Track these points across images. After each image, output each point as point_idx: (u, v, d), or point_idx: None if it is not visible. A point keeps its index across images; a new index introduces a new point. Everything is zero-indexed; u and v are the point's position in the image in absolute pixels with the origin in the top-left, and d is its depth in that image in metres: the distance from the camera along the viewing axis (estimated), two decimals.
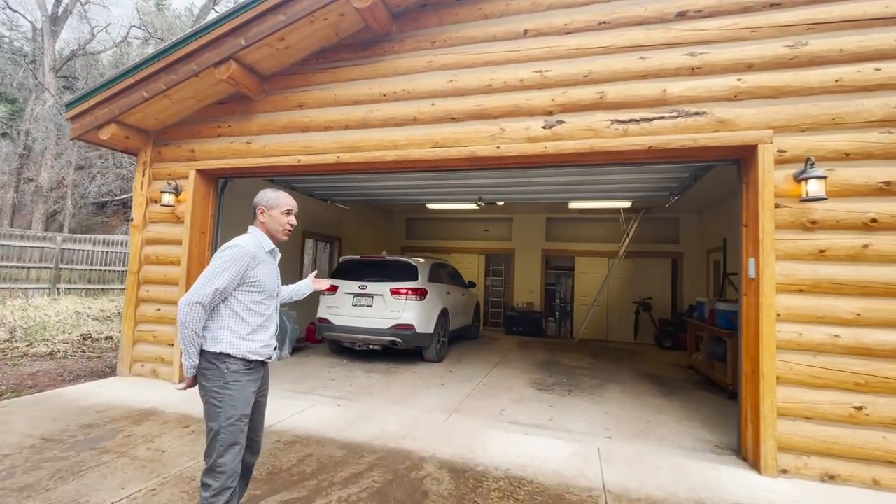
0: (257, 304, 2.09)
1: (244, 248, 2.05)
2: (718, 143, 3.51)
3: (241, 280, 2.02)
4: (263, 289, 2.10)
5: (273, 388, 5.06)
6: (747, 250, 3.60)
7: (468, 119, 4.25)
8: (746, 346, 3.55)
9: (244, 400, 2.03)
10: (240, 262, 2.01)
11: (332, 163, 4.63)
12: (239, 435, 2.02)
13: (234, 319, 2.04)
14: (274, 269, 2.22)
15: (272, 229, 2.20)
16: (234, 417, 2.00)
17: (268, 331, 2.15)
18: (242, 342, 2.04)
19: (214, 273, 1.99)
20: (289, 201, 2.24)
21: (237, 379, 2.01)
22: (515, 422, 4.26)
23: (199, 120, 5.29)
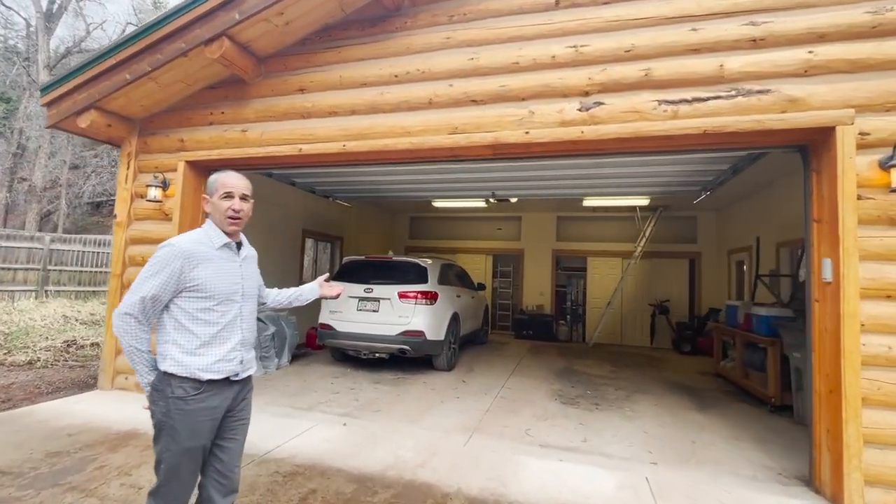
0: (205, 312, 1.75)
1: (175, 248, 1.73)
2: (788, 125, 3.03)
3: (178, 284, 1.71)
4: (211, 292, 1.75)
5: (272, 403, 4.59)
6: (819, 250, 3.11)
7: (491, 101, 3.76)
8: (821, 361, 3.06)
9: (190, 431, 1.69)
10: (171, 265, 1.70)
11: (336, 152, 4.14)
12: (181, 470, 1.70)
13: (179, 331, 1.73)
14: (230, 267, 1.84)
15: (216, 220, 1.84)
16: (172, 452, 1.69)
17: (227, 342, 1.78)
18: (190, 358, 1.71)
19: (143, 279, 1.71)
20: (231, 182, 1.85)
21: (181, 407, 1.68)
22: (546, 444, 3.76)
23: (189, 106, 4.79)
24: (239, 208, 1.83)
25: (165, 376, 1.71)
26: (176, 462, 1.70)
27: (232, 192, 1.83)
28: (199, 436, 1.72)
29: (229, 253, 1.86)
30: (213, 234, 1.83)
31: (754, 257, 7.56)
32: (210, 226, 1.86)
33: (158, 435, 1.72)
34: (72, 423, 3.77)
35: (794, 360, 4.69)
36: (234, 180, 1.86)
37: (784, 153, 3.44)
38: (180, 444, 1.69)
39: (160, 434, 1.72)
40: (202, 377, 1.71)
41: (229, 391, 1.80)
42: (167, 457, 1.70)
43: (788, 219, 6.59)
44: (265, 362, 5.98)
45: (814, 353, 3.11)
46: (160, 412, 1.71)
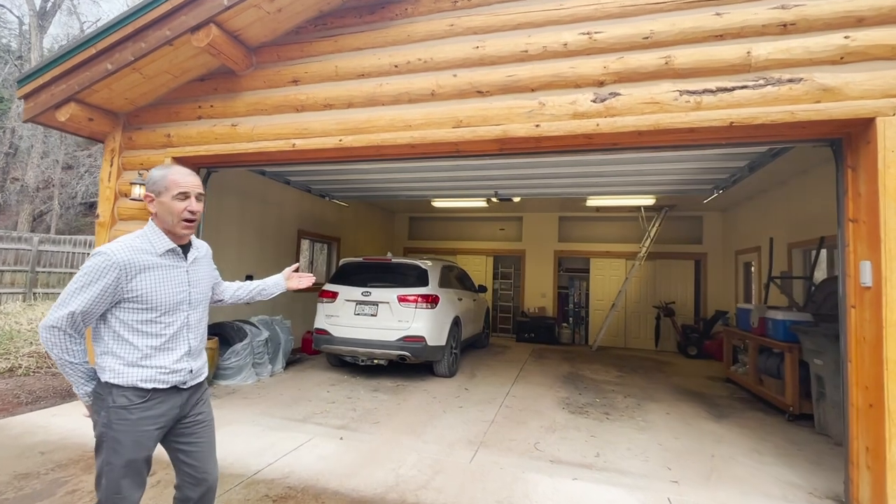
0: (147, 324, 1.61)
1: (108, 257, 1.54)
2: (823, 116, 2.79)
3: (114, 297, 1.56)
4: (152, 304, 1.61)
5: (264, 414, 4.32)
6: (855, 251, 2.87)
7: (499, 93, 3.51)
8: (857, 372, 2.82)
9: (133, 441, 1.57)
10: (104, 278, 1.53)
11: (332, 147, 3.88)
12: (121, 483, 1.56)
13: (117, 343, 1.60)
14: (175, 274, 1.67)
15: (166, 223, 1.65)
16: (113, 465, 1.55)
17: (172, 353, 1.66)
18: (130, 369, 1.59)
19: (71, 292, 1.53)
20: (185, 180, 1.65)
21: (123, 417, 1.57)
22: (557, 459, 3.51)
23: (176, 100, 4.53)
24: (195, 209, 1.65)
25: (106, 386, 1.58)
26: (118, 476, 1.56)
27: (188, 192, 1.64)
28: (143, 447, 1.60)
29: (174, 259, 1.69)
30: (156, 239, 1.65)
31: (767, 258, 7.34)
32: (152, 229, 1.66)
33: (99, 447, 1.59)
34: (47, 438, 3.50)
35: (815, 368, 4.45)
36: (188, 178, 1.66)
37: (814, 147, 3.21)
38: (122, 456, 1.56)
39: (101, 446, 1.58)
40: (144, 386, 1.60)
41: (178, 398, 1.69)
42: (108, 470, 1.56)
43: (802, 219, 6.37)
44: (258, 369, 5.71)
45: (850, 363, 2.87)
46: (102, 423, 1.58)
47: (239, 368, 5.46)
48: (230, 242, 6.32)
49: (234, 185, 6.33)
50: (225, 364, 5.41)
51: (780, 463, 3.61)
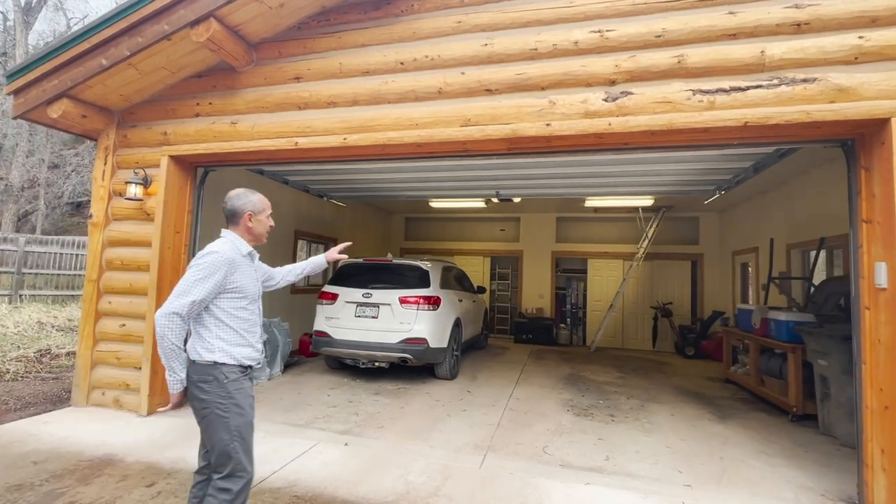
0: (241, 310, 2.02)
1: (222, 255, 1.95)
2: (839, 116, 2.76)
3: (221, 288, 1.94)
4: (245, 294, 2.03)
5: (265, 420, 4.20)
6: (869, 252, 2.86)
7: (508, 91, 3.45)
8: (872, 374, 2.80)
9: (249, 405, 1.99)
10: (220, 271, 1.93)
11: (336, 146, 3.79)
12: (249, 444, 1.97)
13: (220, 328, 1.97)
14: (252, 272, 2.12)
15: (259, 233, 2.17)
16: (243, 424, 1.94)
17: (255, 334, 2.09)
18: (234, 349, 1.97)
19: (192, 282, 1.89)
20: (268, 203, 2.24)
21: (239, 386, 1.96)
22: (566, 463, 3.46)
23: (173, 96, 4.40)
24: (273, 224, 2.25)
25: (216, 366, 1.91)
26: (247, 434, 1.95)
27: (271, 212, 2.23)
28: (253, 408, 2.01)
29: (249, 259, 2.12)
30: (240, 244, 2.08)
31: (764, 259, 7.38)
32: (235, 237, 2.09)
33: (222, 419, 1.89)
34: (39, 447, 3.36)
35: (820, 368, 4.46)
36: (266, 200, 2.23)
37: (826, 148, 3.19)
38: (247, 417, 1.95)
39: (226, 415, 1.89)
40: (244, 363, 2.00)
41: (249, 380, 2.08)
42: (240, 431, 1.91)
43: (801, 220, 6.40)
44: (256, 372, 5.59)
45: (864, 364, 2.86)
46: (219, 398, 1.89)
47: None
48: None
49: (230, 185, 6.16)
50: None
51: (790, 465, 3.59)
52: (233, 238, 2.07)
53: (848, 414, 4.11)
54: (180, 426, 3.91)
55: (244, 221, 2.10)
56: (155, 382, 4.18)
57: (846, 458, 3.78)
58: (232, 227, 2.10)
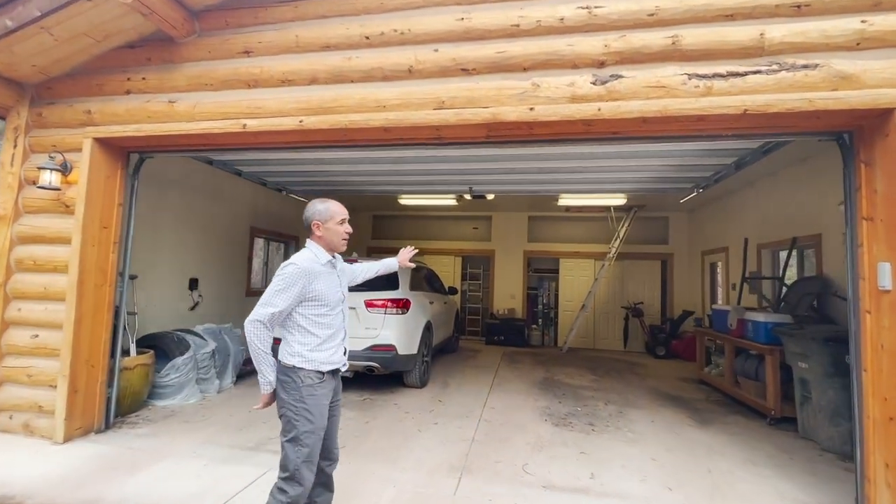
0: (322, 317, 2.10)
1: (298, 267, 2.05)
2: (842, 105, 2.57)
3: (301, 297, 2.04)
4: (325, 301, 2.11)
5: (209, 443, 3.63)
6: (870, 251, 2.68)
7: (486, 71, 3.09)
8: (874, 382, 2.62)
9: (319, 412, 2.05)
10: (298, 283, 2.03)
11: (291, 129, 3.32)
12: (315, 447, 2.04)
13: (302, 333, 2.08)
14: (334, 279, 2.20)
15: (332, 242, 2.19)
16: (310, 432, 2.02)
17: (336, 339, 2.16)
18: (313, 353, 2.06)
19: (273, 293, 2.02)
20: (341, 210, 2.23)
21: (312, 392, 2.04)
22: (550, 485, 3.14)
23: (100, 70, 3.79)
24: (350, 231, 2.23)
25: (294, 370, 2.03)
26: (313, 441, 2.02)
27: (345, 219, 2.22)
28: (325, 417, 2.08)
29: (331, 267, 2.19)
30: (319, 254, 2.16)
31: (734, 259, 7.39)
32: (315, 246, 2.17)
33: (293, 421, 2.01)
34: None
35: (800, 371, 4.36)
36: (341, 208, 2.23)
37: (820, 141, 3.01)
38: (316, 423, 2.02)
39: (296, 419, 2.01)
40: (322, 369, 2.07)
41: (333, 382, 2.17)
42: (305, 437, 2.00)
43: (771, 220, 6.40)
44: (203, 385, 5.00)
45: (865, 372, 2.68)
46: (293, 399, 2.02)
47: (179, 386, 4.74)
48: (169, 243, 5.54)
49: (175, 176, 5.56)
50: (163, 381, 4.68)
51: (778, 475, 3.42)
52: (312, 248, 2.17)
53: (830, 418, 4.02)
54: (102, 455, 3.34)
55: (315, 231, 2.17)
56: (74, 403, 3.57)
57: (830, 465, 3.66)
58: (311, 238, 2.20)
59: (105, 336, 3.85)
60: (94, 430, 3.78)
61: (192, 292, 6.00)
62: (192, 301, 6.01)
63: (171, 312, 5.61)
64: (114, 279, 3.92)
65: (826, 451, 3.95)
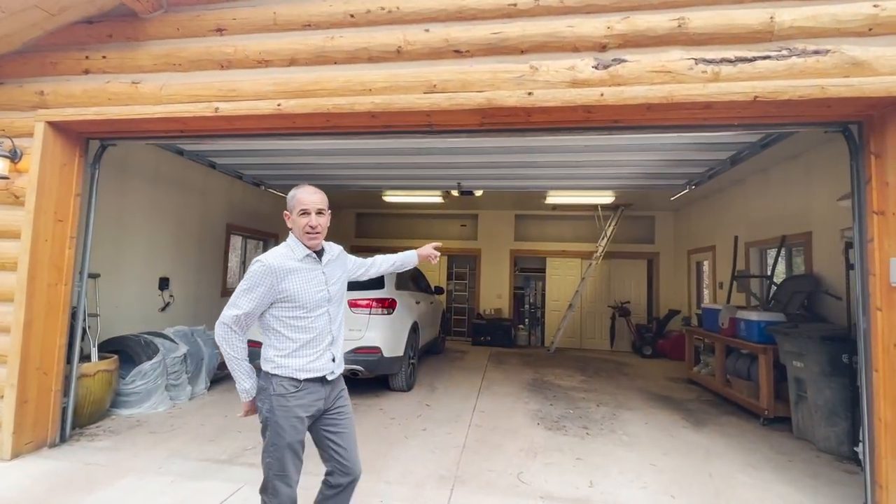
0: (297, 320, 1.87)
1: (263, 264, 1.83)
2: (855, 92, 2.44)
3: (270, 297, 1.84)
4: (301, 303, 1.86)
5: (177, 456, 3.29)
6: (881, 247, 2.57)
7: (481, 53, 2.88)
8: (885, 383, 2.51)
9: (291, 426, 1.82)
10: (263, 282, 1.82)
11: (269, 114, 3.05)
12: (286, 463, 1.83)
13: (277, 337, 1.88)
14: (315, 276, 1.91)
15: (296, 234, 1.94)
16: (277, 445, 1.82)
17: (320, 344, 1.90)
18: (287, 360, 1.85)
19: (239, 294, 1.85)
20: (305, 198, 1.92)
21: (283, 403, 1.83)
22: (548, 495, 2.94)
23: (54, 47, 3.45)
24: (315, 224, 1.90)
25: (268, 376, 1.87)
26: (281, 455, 1.83)
27: (308, 209, 1.90)
28: (297, 431, 1.84)
29: (312, 262, 1.94)
30: (296, 247, 1.93)
31: (721, 258, 7.37)
32: (292, 239, 1.96)
33: (264, 432, 1.86)
34: None
35: (794, 370, 4.28)
36: (308, 196, 1.93)
37: (826, 133, 2.91)
38: (284, 438, 1.82)
39: (267, 430, 1.85)
40: (299, 376, 1.85)
41: (322, 391, 1.91)
42: (272, 451, 1.83)
43: (759, 218, 6.37)
44: (174, 392, 4.66)
45: (875, 372, 2.56)
46: (265, 409, 1.85)
47: (147, 393, 4.40)
48: (137, 239, 5.17)
49: (143, 168, 5.19)
50: (128, 388, 4.33)
51: (780, 479, 3.30)
52: (290, 241, 1.96)
53: (826, 418, 3.94)
54: (55, 472, 3.00)
55: (286, 222, 1.97)
56: (24, 415, 3.22)
57: (829, 467, 3.57)
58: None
59: (60, 340, 3.50)
60: (48, 445, 3.43)
61: (162, 292, 5.63)
62: (163, 302, 5.65)
63: (138, 314, 5.24)
64: (71, 278, 3.57)
65: (823, 452, 3.87)
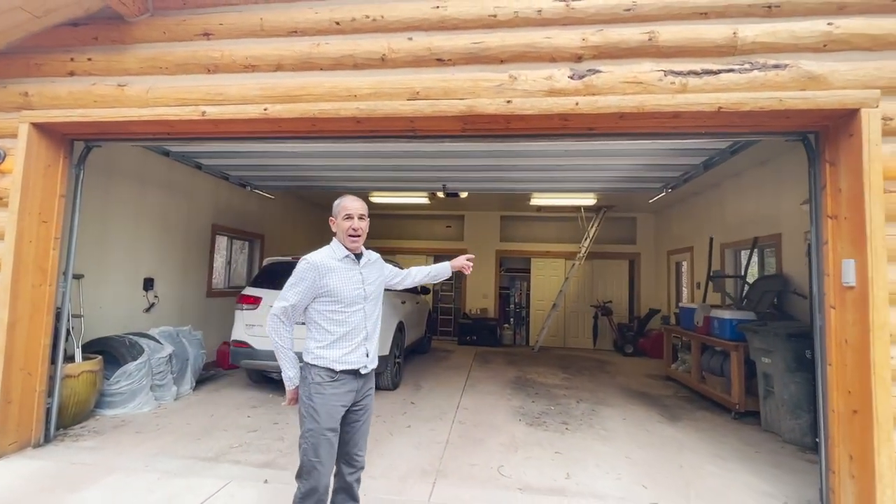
0: (336, 314, 2.07)
1: (308, 262, 2.07)
2: (810, 105, 2.62)
3: (314, 292, 2.06)
4: (338, 298, 2.07)
5: (164, 454, 3.34)
6: (835, 249, 2.75)
7: (463, 62, 3.00)
8: (838, 376, 2.69)
9: (327, 413, 2.01)
10: (307, 277, 2.05)
11: (255, 118, 3.12)
12: (320, 449, 1.99)
13: (317, 330, 2.08)
14: (353, 275, 2.14)
15: (340, 238, 2.18)
16: (313, 431, 1.99)
17: (355, 338, 2.09)
18: (324, 351, 2.05)
19: (287, 287, 2.07)
20: (349, 205, 2.17)
21: (320, 391, 2.02)
22: (527, 486, 3.07)
23: (38, 48, 3.46)
24: (357, 227, 2.14)
25: (308, 366, 2.06)
26: (317, 441, 1.98)
27: (351, 214, 2.14)
28: (332, 419, 2.02)
29: (350, 263, 2.15)
30: (337, 249, 2.16)
31: (699, 258, 7.61)
32: (335, 242, 2.19)
33: (301, 418, 2.04)
34: None
35: (763, 366, 4.49)
36: (352, 202, 2.17)
37: (787, 142, 3.08)
38: (320, 425, 1.99)
39: (304, 416, 2.02)
40: (335, 367, 2.03)
41: (355, 383, 2.10)
42: (310, 436, 1.99)
43: (733, 220, 6.62)
44: (159, 392, 4.67)
45: (829, 366, 2.74)
46: (304, 395, 2.04)
47: (132, 393, 4.41)
48: (122, 240, 5.15)
49: (128, 168, 5.18)
50: (113, 389, 4.34)
51: (746, 469, 3.48)
52: (333, 243, 2.19)
53: (791, 411, 4.15)
54: (40, 472, 3.03)
55: (332, 226, 2.20)
56: (7, 415, 3.23)
57: (793, 457, 3.77)
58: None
59: (45, 341, 3.51)
60: (32, 445, 3.44)
61: (147, 293, 5.61)
62: (148, 302, 5.63)
63: (123, 315, 5.22)
64: (55, 278, 3.58)
65: (787, 443, 4.08)
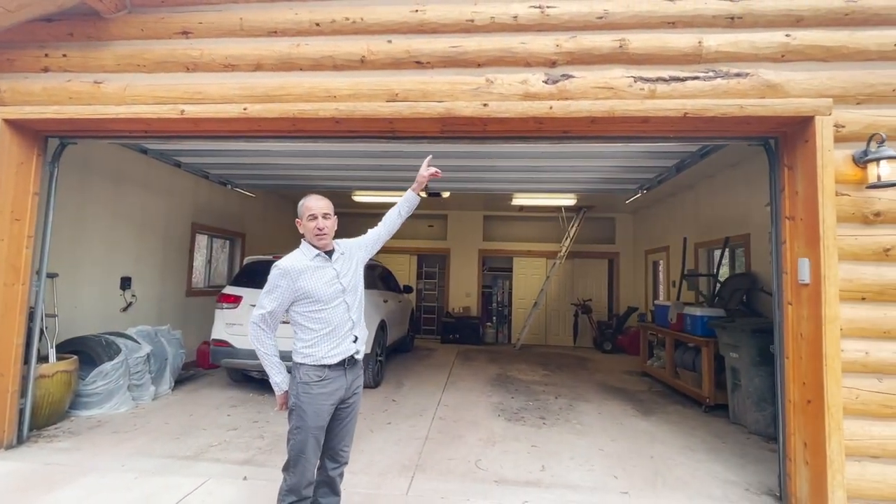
0: (317, 313, 2.10)
1: (279, 268, 2.09)
2: (770, 111, 2.76)
3: (290, 296, 2.07)
4: (316, 297, 2.09)
5: (140, 454, 3.33)
6: (792, 248, 2.91)
7: (441, 65, 3.07)
8: (795, 369, 2.85)
9: (314, 412, 2.05)
10: (280, 284, 2.07)
11: (235, 117, 3.13)
12: (306, 446, 2.04)
13: (301, 330, 2.11)
14: (327, 272, 2.14)
15: (308, 238, 2.19)
16: (301, 428, 2.04)
17: (340, 330, 2.13)
18: (311, 349, 2.08)
19: (262, 295, 2.09)
20: (312, 204, 2.19)
21: (307, 391, 2.05)
22: (502, 479, 3.16)
23: (11, 43, 3.41)
24: (322, 226, 2.14)
25: (296, 366, 2.09)
26: (304, 438, 2.04)
27: (315, 214, 2.15)
28: (320, 417, 2.06)
29: (322, 261, 2.16)
30: (307, 250, 2.17)
31: (674, 258, 7.84)
32: (304, 243, 2.20)
33: (290, 417, 2.08)
34: None
35: (731, 361, 4.68)
36: (315, 202, 2.18)
37: (749, 146, 3.24)
38: (308, 423, 2.03)
39: (292, 413, 2.07)
40: (326, 362, 2.07)
41: (343, 379, 2.13)
42: (296, 433, 2.05)
43: (706, 221, 6.85)
44: (136, 392, 4.63)
45: (787, 359, 2.90)
46: (292, 394, 2.08)
47: (108, 393, 4.36)
48: (98, 238, 5.07)
49: (105, 165, 5.10)
50: (88, 389, 4.28)
51: (712, 459, 3.64)
52: (303, 245, 2.19)
53: (756, 403, 4.34)
54: (13, 473, 2.99)
55: (299, 228, 2.20)
56: None
57: (757, 447, 3.95)
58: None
59: (17, 340, 3.46)
60: (4, 446, 3.38)
61: (124, 292, 5.54)
62: (125, 302, 5.55)
63: (99, 314, 5.14)
64: (28, 277, 3.53)
65: (753, 434, 4.26)
